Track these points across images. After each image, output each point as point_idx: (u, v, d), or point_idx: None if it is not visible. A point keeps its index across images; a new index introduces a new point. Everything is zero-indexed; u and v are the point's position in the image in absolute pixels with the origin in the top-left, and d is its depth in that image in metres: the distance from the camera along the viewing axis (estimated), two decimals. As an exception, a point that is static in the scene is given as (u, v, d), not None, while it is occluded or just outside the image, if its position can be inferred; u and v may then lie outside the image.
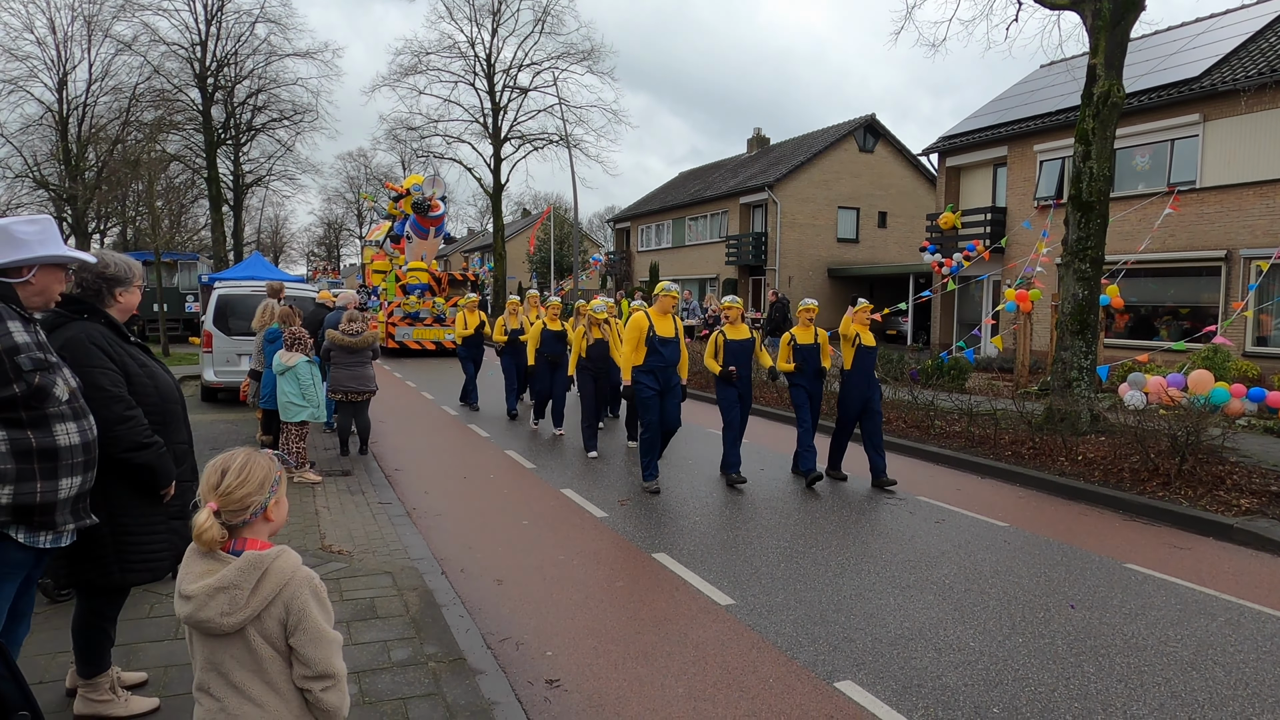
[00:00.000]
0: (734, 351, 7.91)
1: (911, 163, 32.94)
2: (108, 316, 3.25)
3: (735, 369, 7.82)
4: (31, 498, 2.72)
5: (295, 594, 1.98)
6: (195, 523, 1.97)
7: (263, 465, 2.06)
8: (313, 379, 7.62)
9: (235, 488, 1.99)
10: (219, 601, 1.93)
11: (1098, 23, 10.07)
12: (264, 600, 1.95)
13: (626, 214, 43.66)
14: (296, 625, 1.97)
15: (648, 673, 4.03)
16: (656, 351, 7.52)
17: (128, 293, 3.33)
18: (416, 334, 22.00)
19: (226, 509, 1.99)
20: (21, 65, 31.44)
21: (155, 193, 24.70)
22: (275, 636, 1.97)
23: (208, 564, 1.99)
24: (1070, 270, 10.17)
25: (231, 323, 11.88)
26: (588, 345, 9.79)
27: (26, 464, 2.70)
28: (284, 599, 1.97)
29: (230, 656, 1.97)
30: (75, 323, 3.17)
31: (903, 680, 3.97)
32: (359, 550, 5.62)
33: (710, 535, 6.34)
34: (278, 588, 1.96)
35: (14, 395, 2.67)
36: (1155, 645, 4.41)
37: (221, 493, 1.99)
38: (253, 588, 1.94)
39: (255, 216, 56.26)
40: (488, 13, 36.97)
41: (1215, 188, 16.45)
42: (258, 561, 1.97)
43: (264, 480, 2.04)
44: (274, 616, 1.96)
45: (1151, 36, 20.11)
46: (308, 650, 1.97)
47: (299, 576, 2.00)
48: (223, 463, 2.04)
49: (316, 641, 1.98)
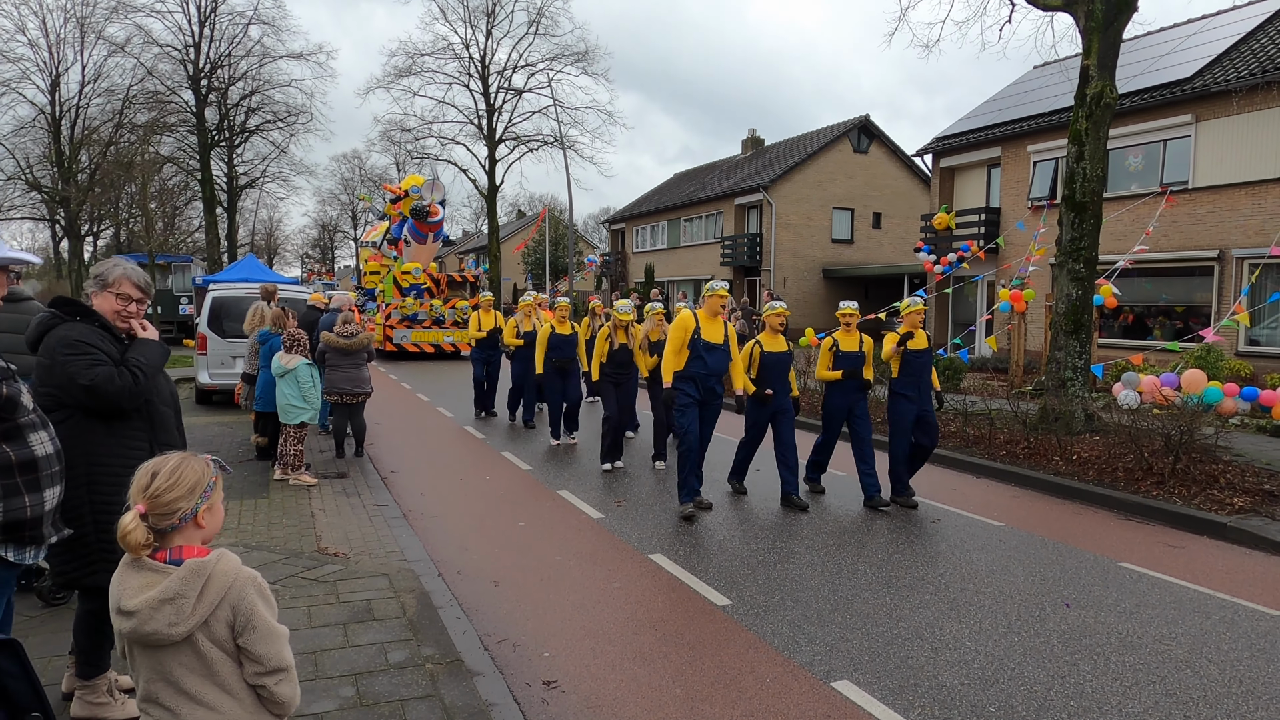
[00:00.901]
0: (770, 366, 7.10)
1: (906, 163, 33.02)
2: (100, 318, 3.25)
3: (771, 391, 7.07)
4: (23, 512, 2.67)
5: (241, 595, 1.97)
6: (121, 524, 1.93)
7: (196, 470, 2.02)
8: (312, 381, 7.61)
9: (164, 491, 1.96)
10: (164, 613, 1.90)
11: (1090, 24, 10.11)
12: (210, 606, 1.93)
13: (622, 215, 43.68)
14: (245, 625, 1.96)
15: (645, 673, 4.04)
16: (699, 357, 6.75)
17: (99, 295, 3.30)
18: (415, 336, 21.76)
19: (154, 512, 1.96)
20: (14, 67, 31.41)
21: (149, 195, 24.65)
22: (224, 639, 1.97)
23: (146, 576, 1.96)
24: (1064, 270, 10.21)
25: (226, 325, 11.85)
26: (610, 349, 8.97)
27: (10, 479, 2.64)
28: (230, 601, 1.95)
29: (179, 664, 1.95)
30: (66, 323, 3.19)
31: (899, 680, 3.98)
32: (355, 552, 5.61)
33: (706, 536, 6.34)
34: (222, 591, 1.95)
35: None
36: (1150, 643, 4.43)
37: (150, 495, 1.95)
38: (198, 595, 1.92)
39: (249, 218, 56.16)
40: (482, 14, 36.99)
41: (1208, 188, 16.53)
42: (199, 569, 1.94)
43: (195, 486, 2.00)
44: (221, 620, 1.95)
45: (1144, 37, 20.19)
46: (259, 648, 1.97)
47: (242, 577, 1.99)
48: (154, 465, 2.00)
49: (267, 638, 1.98)
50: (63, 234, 33.75)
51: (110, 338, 3.27)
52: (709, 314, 6.88)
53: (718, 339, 6.85)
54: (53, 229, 35.65)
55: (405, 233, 22.70)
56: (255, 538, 5.88)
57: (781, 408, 7.20)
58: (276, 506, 6.80)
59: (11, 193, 32.80)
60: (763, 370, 7.09)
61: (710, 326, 6.85)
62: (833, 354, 7.48)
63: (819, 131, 34.55)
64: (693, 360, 6.78)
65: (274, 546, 5.66)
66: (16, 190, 32.82)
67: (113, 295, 3.30)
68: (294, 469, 7.63)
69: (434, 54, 37.08)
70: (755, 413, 7.36)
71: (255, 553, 5.46)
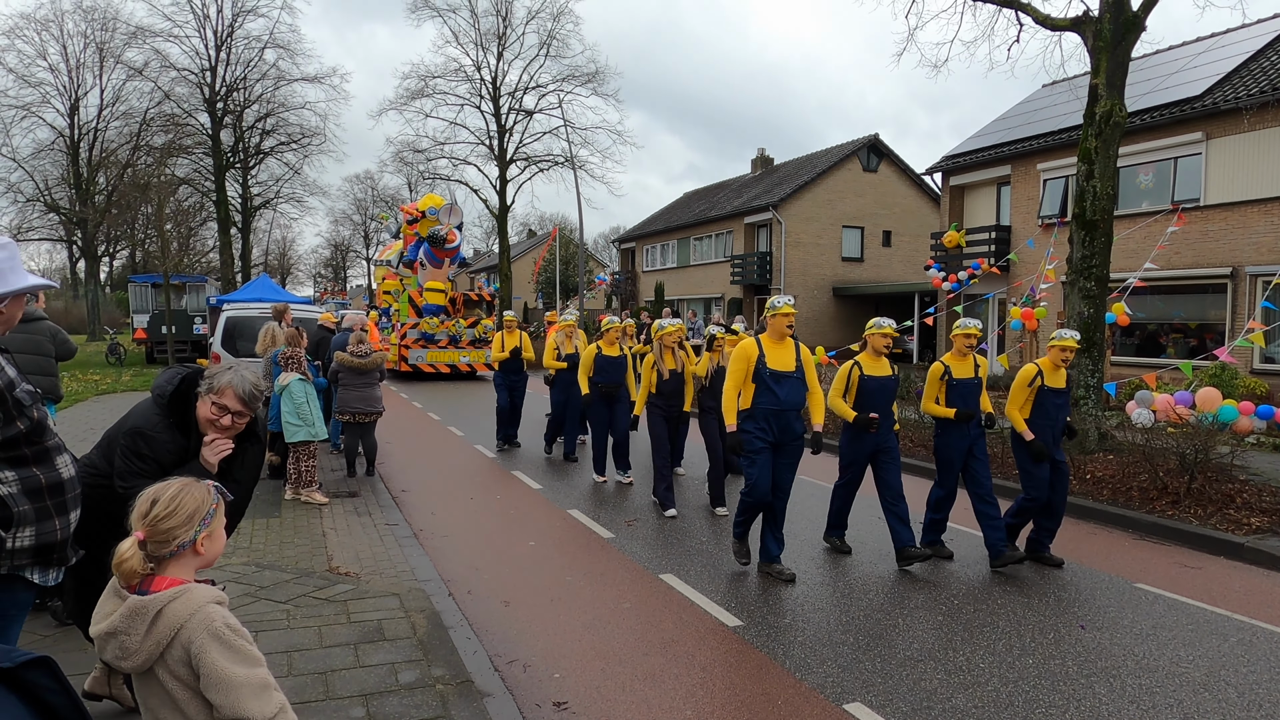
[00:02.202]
0: (872, 392, 6.07)
1: (915, 182, 33.07)
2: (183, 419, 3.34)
3: (876, 416, 6.03)
4: (53, 535, 2.70)
5: (191, 638, 1.89)
6: (118, 551, 1.91)
7: (196, 498, 2.00)
8: (306, 397, 7.62)
9: (162, 519, 1.94)
10: (111, 646, 1.88)
11: (1099, 43, 10.15)
12: (158, 644, 1.88)
13: (632, 234, 43.87)
14: (198, 670, 1.89)
15: (655, 695, 4.02)
16: (768, 390, 5.64)
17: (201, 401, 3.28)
18: (431, 357, 21.26)
19: (152, 540, 1.94)
20: (34, 91, 32.00)
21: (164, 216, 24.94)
22: (186, 677, 1.91)
23: (113, 603, 1.93)
24: (1075, 288, 10.18)
25: (239, 344, 11.96)
26: (659, 379, 7.81)
27: (41, 502, 2.66)
28: (181, 642, 1.89)
29: (151, 693, 1.93)
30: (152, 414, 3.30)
31: (912, 702, 3.95)
32: (366, 571, 5.62)
33: (717, 556, 6.32)
34: (172, 631, 1.89)
35: (19, 433, 2.61)
36: (1167, 666, 4.38)
37: (149, 522, 1.93)
38: (143, 634, 1.87)
39: (263, 239, 56.71)
40: (493, 37, 37.40)
41: (1219, 205, 16.47)
42: (141, 608, 1.89)
43: (193, 514, 1.98)
44: (176, 659, 1.89)
45: (1153, 56, 20.22)
46: (212, 695, 1.89)
47: (196, 619, 1.90)
48: (155, 491, 1.98)
49: (219, 687, 1.89)
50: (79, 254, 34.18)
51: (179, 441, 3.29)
52: (775, 337, 5.78)
53: (788, 365, 5.71)
54: (70, 250, 36.13)
55: (421, 255, 22.34)
56: (267, 557, 5.90)
57: (884, 445, 6.13)
58: (288, 525, 6.82)
59: (30, 214, 33.34)
60: (863, 397, 6.11)
61: (778, 351, 5.74)
62: (945, 383, 6.29)
63: (828, 150, 34.68)
64: (761, 394, 5.66)
65: (285, 566, 5.68)
66: (35, 212, 33.36)
67: (211, 402, 3.26)
68: (305, 486, 7.66)
69: (446, 76, 37.49)
70: (854, 449, 6.26)
71: (267, 572, 5.48)
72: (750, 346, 5.75)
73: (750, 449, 5.64)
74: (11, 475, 2.60)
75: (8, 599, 2.68)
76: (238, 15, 33.91)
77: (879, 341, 6.15)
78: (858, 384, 6.13)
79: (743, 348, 5.76)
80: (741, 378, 5.72)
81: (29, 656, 0.85)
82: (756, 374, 5.68)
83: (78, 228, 32.42)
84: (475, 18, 36.88)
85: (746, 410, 5.70)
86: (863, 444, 6.18)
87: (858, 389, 6.13)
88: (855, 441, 6.23)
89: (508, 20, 37.14)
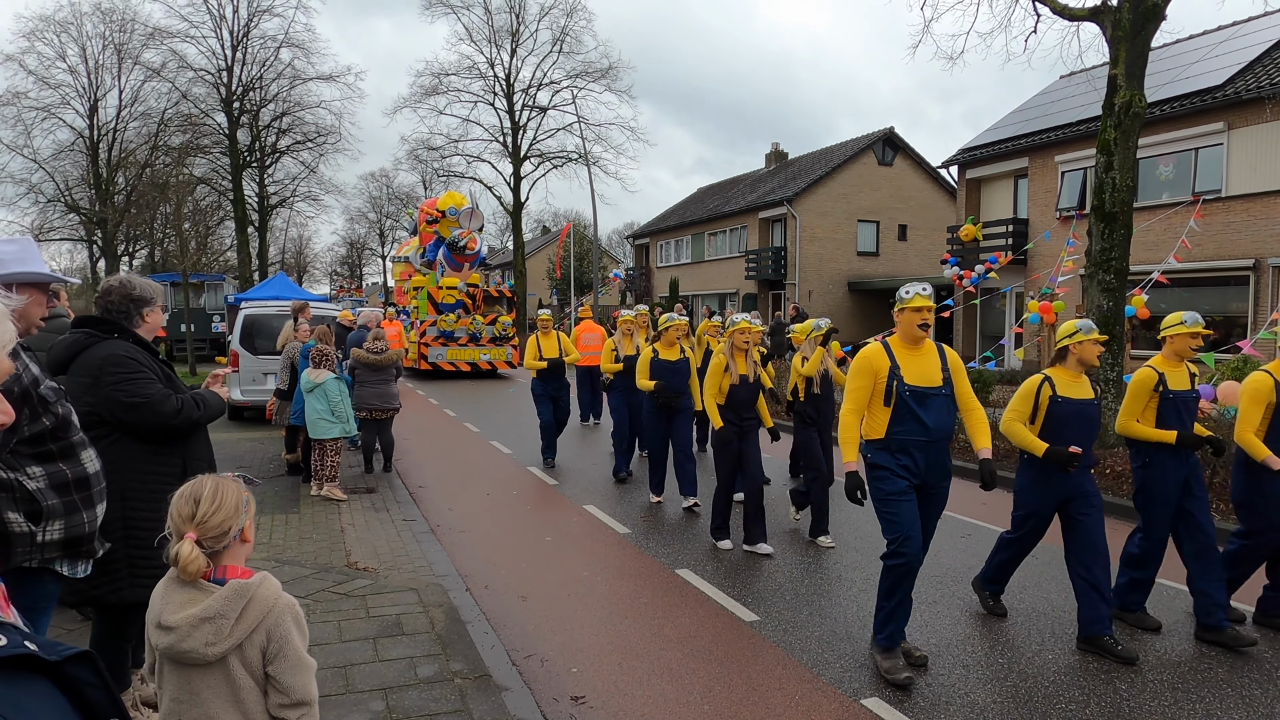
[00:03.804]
0: (1070, 422, 4.51)
1: (931, 175, 32.85)
2: (136, 335, 3.33)
3: (1078, 451, 4.41)
4: (81, 529, 2.75)
5: (278, 621, 1.98)
6: (180, 555, 1.95)
7: (232, 488, 2.06)
8: (341, 395, 7.70)
9: (211, 514, 1.99)
10: (204, 631, 1.92)
11: (1118, 33, 10.03)
12: (248, 629, 1.95)
13: (646, 230, 43.85)
14: (278, 653, 1.96)
15: (673, 690, 4.02)
16: (910, 414, 4.13)
17: (154, 312, 3.41)
18: (450, 355, 20.76)
19: (206, 537, 1.98)
20: (54, 93, 32.26)
21: (183, 215, 25.15)
22: (255, 665, 1.97)
23: (189, 593, 1.98)
24: (1094, 281, 10.08)
25: (258, 342, 12.05)
26: (731, 384, 6.28)
27: (69, 496, 2.71)
28: (267, 626, 1.97)
29: (207, 687, 1.95)
30: (107, 341, 3.24)
31: (930, 697, 3.93)
32: (384, 567, 5.66)
33: (733, 551, 6.31)
34: (261, 615, 1.96)
35: (45, 429, 2.67)
36: (1190, 661, 4.34)
37: (198, 522, 1.98)
38: (238, 616, 1.94)
39: (279, 237, 57.02)
40: (507, 34, 37.43)
41: (1241, 196, 16.26)
42: (243, 590, 1.97)
43: (237, 503, 2.04)
44: (255, 645, 1.96)
45: (1172, 45, 19.97)
46: (287, 678, 1.97)
47: (281, 603, 2.00)
48: (192, 492, 2.02)
49: (296, 669, 1.98)
50: (100, 254, 34.53)
51: (152, 357, 3.34)
52: (907, 339, 4.27)
53: (932, 379, 4.20)
54: (90, 250, 36.52)
55: (440, 257, 21.92)
56: (286, 552, 5.95)
57: (1082, 490, 4.54)
58: (307, 521, 6.88)
59: (51, 215, 33.66)
60: (1056, 426, 4.51)
61: (916, 361, 4.22)
62: (1159, 395, 4.71)
63: (843, 144, 34.51)
64: (900, 421, 4.16)
65: (304, 561, 5.73)
66: (56, 212, 33.68)
67: (160, 309, 3.44)
68: (329, 480, 7.73)
69: (460, 73, 37.56)
70: (1038, 494, 4.63)
71: (286, 567, 5.53)
72: (877, 355, 4.25)
73: (888, 490, 4.15)
74: (39, 471, 2.66)
75: (37, 592, 2.74)
76: (253, 15, 34.11)
77: (1090, 350, 4.55)
78: (1046, 407, 4.53)
79: (868, 357, 4.27)
80: (865, 397, 4.25)
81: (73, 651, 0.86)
82: (890, 393, 4.17)
83: (98, 227, 32.73)
84: (489, 14, 36.96)
85: (878, 441, 4.24)
86: (1052, 487, 4.56)
87: (1048, 415, 4.53)
88: (1042, 484, 4.59)
89: (521, 17, 37.19)
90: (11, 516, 2.58)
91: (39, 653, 0.81)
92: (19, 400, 2.53)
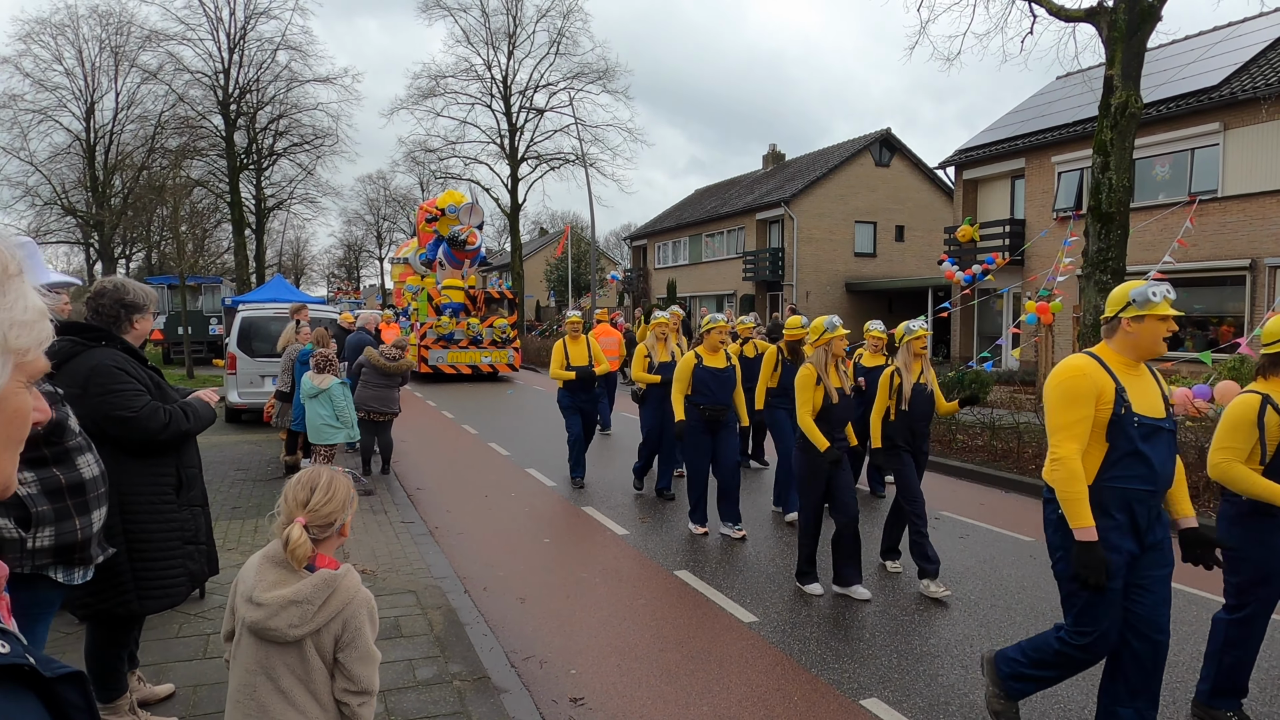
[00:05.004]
0: None
1: (928, 176, 32.90)
2: (124, 342, 3.27)
3: None
4: (73, 535, 2.72)
5: (355, 613, 2.10)
6: (291, 538, 2.06)
7: (344, 483, 2.18)
8: (346, 400, 7.69)
9: (323, 504, 2.11)
10: (290, 613, 2.03)
11: (1114, 34, 10.05)
12: (329, 616, 2.06)
13: (643, 231, 43.86)
14: (350, 642, 2.09)
15: (672, 691, 4.02)
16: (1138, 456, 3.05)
17: (144, 319, 3.38)
18: (451, 357, 20.55)
19: (314, 524, 2.11)
20: (51, 96, 32.23)
21: (180, 217, 25.12)
22: (327, 650, 2.09)
23: (280, 574, 2.10)
24: (1091, 282, 10.10)
25: (255, 345, 12.04)
26: (826, 403, 5.31)
27: (60, 502, 2.69)
28: (344, 616, 2.09)
29: (283, 664, 2.06)
30: (94, 350, 3.17)
31: (929, 698, 3.93)
32: (383, 569, 5.66)
33: (732, 553, 6.32)
34: (342, 605, 2.08)
35: (37, 434, 2.66)
36: (1187, 661, 4.34)
37: (310, 509, 2.10)
38: (322, 604, 2.06)
39: (277, 239, 56.95)
40: (504, 36, 37.44)
41: (1238, 196, 16.30)
42: (330, 580, 2.09)
43: (346, 497, 2.17)
44: (331, 632, 2.08)
45: (1168, 46, 20.02)
46: (355, 667, 2.09)
47: (360, 597, 2.13)
48: (309, 479, 2.14)
49: (365, 659, 2.11)
50: (96, 257, 34.48)
51: (141, 364, 3.29)
52: (1130, 353, 3.13)
53: (1159, 409, 3.10)
54: (87, 252, 36.47)
55: (440, 255, 21.67)
56: (284, 555, 5.94)
57: None
58: (305, 524, 6.87)
59: (48, 217, 33.61)
60: None
61: (1138, 383, 3.12)
62: None
63: (840, 145, 34.56)
64: (1124, 462, 3.06)
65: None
66: (53, 215, 33.63)
67: (150, 315, 3.39)
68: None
69: (457, 75, 37.56)
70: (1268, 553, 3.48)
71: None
72: (1095, 372, 3.08)
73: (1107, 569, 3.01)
74: (31, 476, 2.64)
75: (29, 598, 2.72)
76: (250, 18, 34.09)
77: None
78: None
79: (1086, 374, 3.07)
80: (1085, 430, 3.05)
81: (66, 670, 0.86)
82: (1115, 424, 3.04)
83: (94, 230, 32.69)
84: (486, 16, 36.99)
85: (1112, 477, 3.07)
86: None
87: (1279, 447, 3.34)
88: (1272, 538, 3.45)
89: (518, 19, 37.21)
90: (0, 522, 2.56)
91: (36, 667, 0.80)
92: None
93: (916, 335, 5.65)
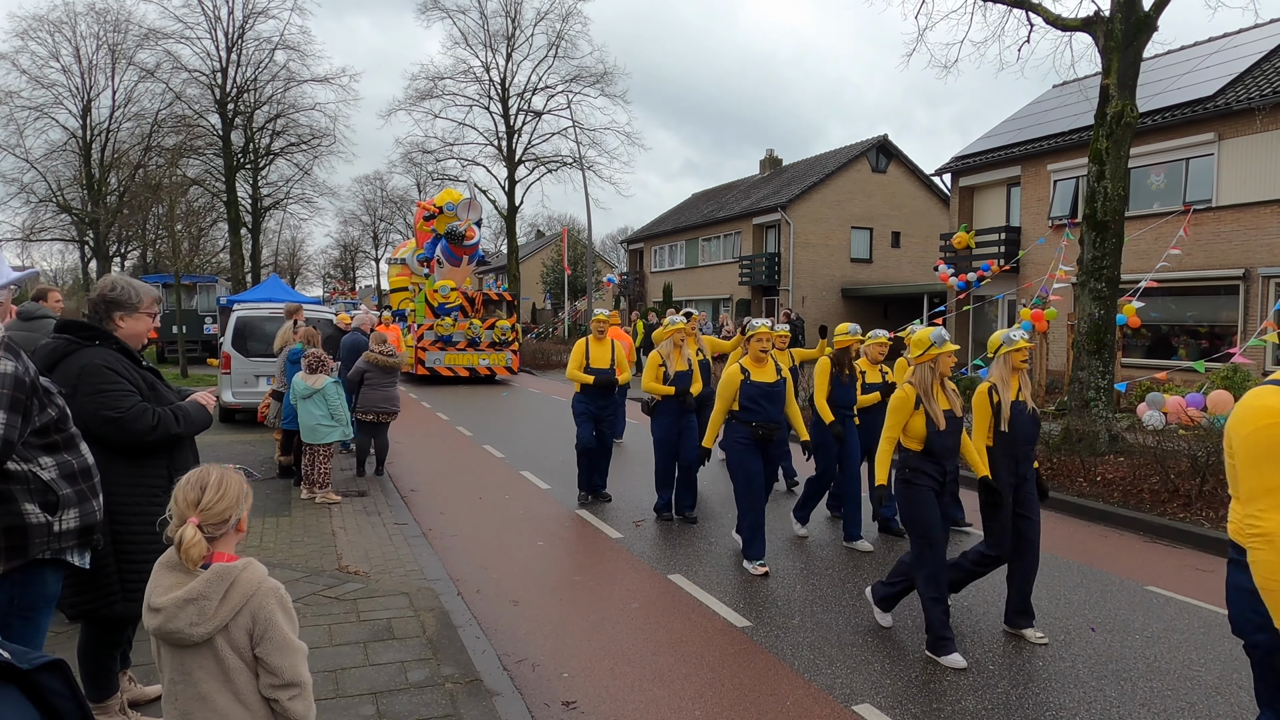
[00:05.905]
0: None
1: (924, 183, 33.00)
2: (118, 341, 3.24)
3: None
4: (93, 516, 2.80)
5: (262, 604, 2.05)
6: (184, 539, 2.03)
7: (235, 479, 2.16)
8: (339, 399, 7.68)
9: (215, 502, 2.09)
10: (188, 613, 1.99)
11: (1110, 43, 10.11)
12: (231, 610, 2.02)
13: (640, 235, 43.89)
14: (263, 635, 2.04)
15: (664, 695, 4.02)
16: None
17: (129, 318, 3.26)
18: (449, 359, 20.34)
19: (208, 523, 2.08)
20: (47, 93, 32.18)
21: (175, 216, 25.07)
22: (243, 647, 2.04)
23: (176, 577, 2.06)
24: (1086, 290, 10.14)
25: (250, 344, 12.00)
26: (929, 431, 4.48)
27: (78, 485, 2.75)
28: (251, 609, 2.04)
29: (199, 667, 2.03)
30: (87, 349, 3.16)
31: (921, 704, 3.93)
32: (376, 571, 5.64)
33: (725, 557, 6.31)
34: (245, 598, 2.04)
35: (51, 420, 2.69)
36: (1179, 669, 4.35)
37: (202, 508, 2.07)
38: (220, 598, 2.01)
39: (273, 239, 56.90)
40: (502, 38, 37.49)
41: (1232, 206, 16.37)
42: (225, 573, 2.05)
43: (239, 494, 2.14)
44: (241, 627, 2.03)
45: (1164, 56, 20.11)
46: (274, 659, 2.04)
47: (265, 587, 2.08)
48: (198, 479, 2.12)
49: (283, 650, 2.05)
50: (91, 255, 34.39)
51: (134, 365, 3.26)
52: None
53: None
54: (81, 250, 36.37)
55: (438, 253, 21.44)
56: (277, 555, 5.92)
57: None
58: (298, 524, 6.85)
59: (43, 215, 33.53)
60: None
61: None
62: None
63: (837, 151, 34.66)
64: None
65: (295, 564, 5.70)
66: (48, 212, 33.55)
67: (145, 316, 3.33)
68: (321, 487, 7.70)
69: (455, 77, 37.60)
70: None
71: (277, 570, 5.49)
72: None
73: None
74: (50, 461, 2.70)
75: (39, 592, 2.75)
76: (248, 17, 34.10)
77: None
78: None
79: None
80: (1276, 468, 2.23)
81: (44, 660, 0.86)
82: None
83: (90, 228, 32.61)
84: (484, 19, 37.06)
85: None
86: None
87: None
88: None
89: (517, 21, 37.27)
90: (28, 508, 2.61)
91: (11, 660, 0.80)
92: (29, 391, 2.57)
93: (1017, 346, 4.63)
